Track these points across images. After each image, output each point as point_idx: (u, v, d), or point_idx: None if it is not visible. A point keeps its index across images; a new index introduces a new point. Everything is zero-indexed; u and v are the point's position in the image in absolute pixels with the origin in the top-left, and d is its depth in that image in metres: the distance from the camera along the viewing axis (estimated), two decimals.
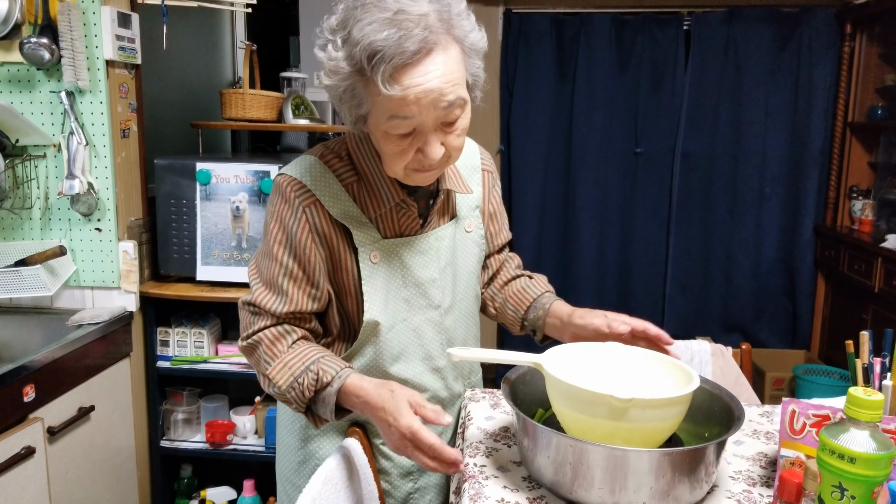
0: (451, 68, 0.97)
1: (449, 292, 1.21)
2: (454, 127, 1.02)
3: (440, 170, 1.08)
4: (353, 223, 1.11)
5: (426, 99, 0.95)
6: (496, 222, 1.31)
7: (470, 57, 1.02)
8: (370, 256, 1.12)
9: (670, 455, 1.00)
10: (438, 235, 1.18)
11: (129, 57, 2.02)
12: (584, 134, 3.64)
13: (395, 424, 0.99)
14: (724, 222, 3.67)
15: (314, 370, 1.07)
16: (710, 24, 3.53)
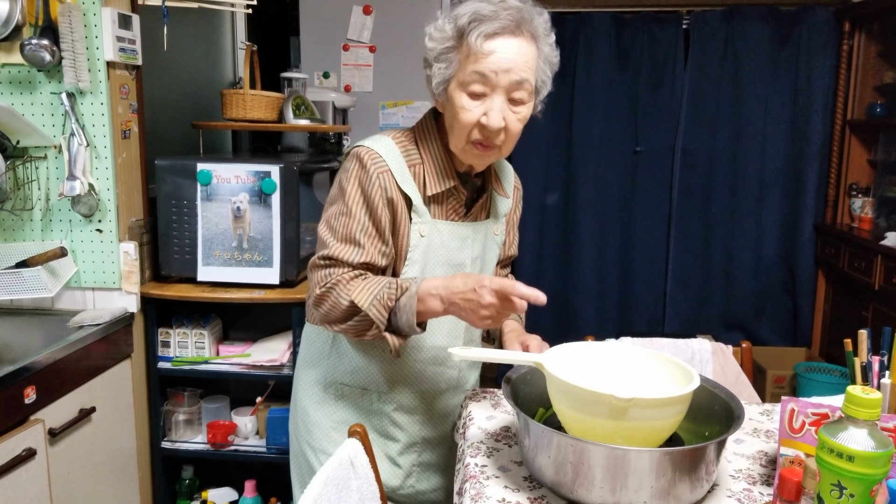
0: (526, 56, 1.16)
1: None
2: (518, 108, 1.19)
3: (494, 153, 1.24)
4: (414, 197, 1.26)
5: (504, 65, 1.14)
6: (511, 236, 1.45)
7: (541, 62, 1.20)
8: (420, 230, 1.27)
9: (671, 454, 1.00)
10: (476, 227, 1.33)
11: (129, 58, 2.03)
12: (584, 132, 3.65)
13: (479, 288, 1.12)
14: (724, 220, 3.67)
15: (393, 284, 1.19)
16: (709, 22, 3.53)
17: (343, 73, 3.31)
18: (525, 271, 3.78)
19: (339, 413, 1.38)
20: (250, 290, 2.14)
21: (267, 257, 2.15)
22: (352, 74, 3.31)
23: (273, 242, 2.14)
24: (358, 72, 3.31)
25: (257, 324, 2.34)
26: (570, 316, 3.79)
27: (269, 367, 2.16)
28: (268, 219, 2.13)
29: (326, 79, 3.31)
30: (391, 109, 3.33)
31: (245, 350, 2.21)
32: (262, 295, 2.12)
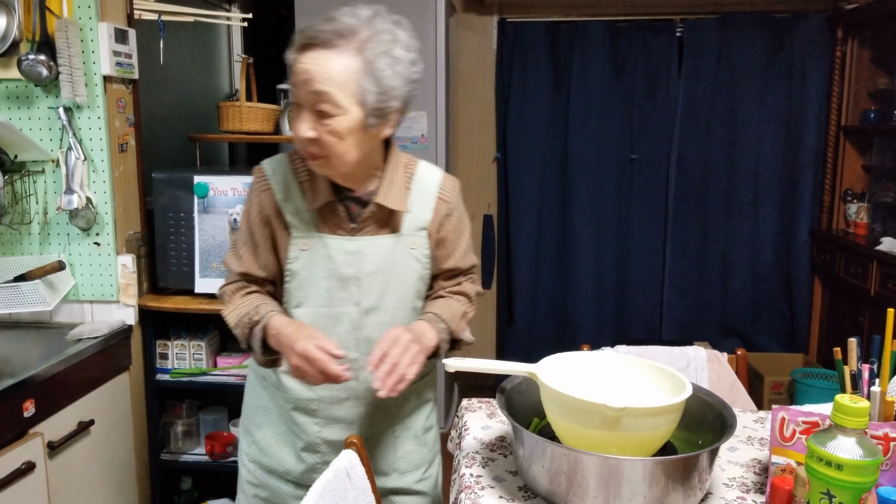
0: (335, 69, 1.12)
1: (374, 295, 1.31)
2: (325, 122, 1.15)
3: (324, 164, 1.21)
4: (294, 214, 1.29)
5: (301, 77, 1.14)
6: (445, 249, 1.37)
7: (368, 78, 1.13)
8: (300, 244, 1.29)
9: (663, 463, 1.01)
10: (372, 242, 1.30)
11: (126, 72, 2.04)
12: (580, 141, 3.66)
13: (291, 346, 1.16)
14: (720, 227, 3.68)
15: (253, 311, 1.28)
16: (702, 30, 3.56)
17: None
18: (522, 279, 3.79)
19: (262, 400, 1.43)
20: None
21: None
22: None
23: None
24: None
25: None
26: (567, 323, 3.80)
27: None
28: None
29: None
30: None
31: (243, 361, 2.21)
32: None
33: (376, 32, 1.15)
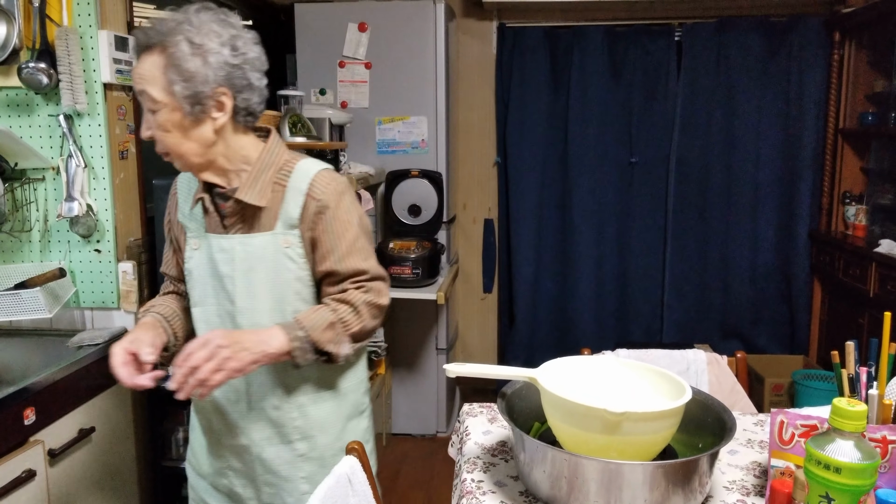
0: (146, 68, 1.22)
1: (247, 295, 1.32)
2: (154, 119, 1.24)
3: (171, 158, 1.28)
4: (189, 216, 1.37)
5: (133, 81, 1.26)
6: (319, 250, 1.32)
7: (171, 70, 1.20)
8: (192, 244, 1.36)
9: (664, 467, 1.02)
10: (243, 241, 1.32)
11: (126, 79, 2.05)
12: (579, 144, 3.67)
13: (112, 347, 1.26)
14: (719, 229, 3.69)
15: (143, 312, 1.41)
16: (700, 34, 3.57)
17: (339, 89, 3.34)
18: (523, 283, 3.80)
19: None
20: None
21: None
22: (348, 91, 3.34)
23: None
24: (354, 88, 3.34)
25: None
26: (567, 326, 3.81)
27: None
28: None
29: (323, 95, 3.34)
30: (387, 125, 3.35)
31: None
32: None
33: (178, 25, 1.20)
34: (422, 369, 3.45)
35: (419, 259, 3.02)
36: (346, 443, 1.36)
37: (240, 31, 1.25)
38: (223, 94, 1.23)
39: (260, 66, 1.28)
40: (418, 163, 3.31)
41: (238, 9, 3.12)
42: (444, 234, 3.36)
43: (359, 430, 1.45)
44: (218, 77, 1.21)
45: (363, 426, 1.47)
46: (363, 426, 1.47)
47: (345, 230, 1.31)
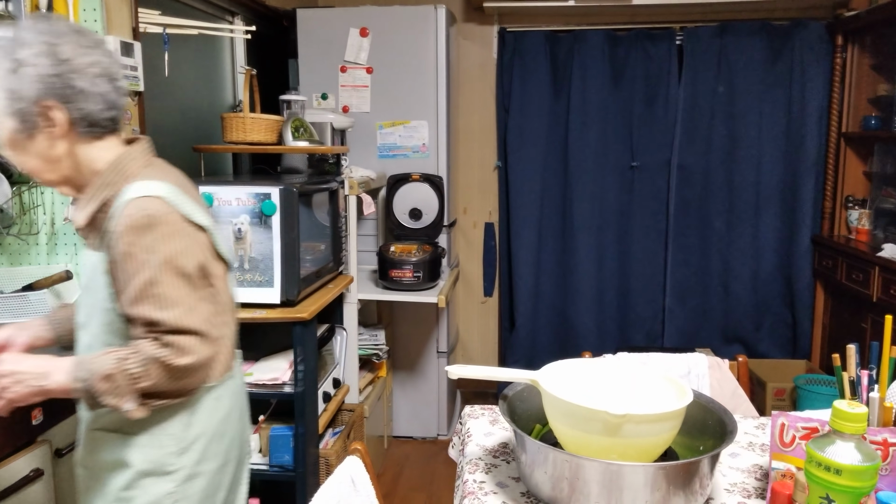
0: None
1: (83, 313, 1.29)
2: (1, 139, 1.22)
3: (34, 177, 1.27)
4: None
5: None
6: (116, 287, 1.20)
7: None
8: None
9: (665, 469, 1.02)
10: (85, 256, 1.28)
11: (132, 84, 2.06)
12: (580, 149, 3.69)
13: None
14: (721, 234, 3.70)
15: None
16: (702, 38, 3.58)
17: (341, 94, 3.35)
18: (524, 287, 3.81)
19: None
20: (252, 310, 2.17)
21: (268, 277, 2.17)
22: (349, 95, 3.35)
23: (273, 263, 2.17)
24: (355, 93, 3.36)
25: (259, 343, 2.36)
26: (568, 331, 3.81)
27: (270, 386, 2.18)
28: (268, 240, 2.16)
29: (325, 100, 3.36)
30: (388, 129, 3.37)
31: (247, 369, 2.23)
32: (263, 314, 2.14)
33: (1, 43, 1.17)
34: (423, 372, 3.46)
35: (420, 262, 3.03)
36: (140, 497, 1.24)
37: (66, 36, 1.17)
38: (50, 107, 1.16)
39: (98, 71, 1.18)
40: (419, 167, 3.32)
41: (241, 14, 3.14)
42: (444, 237, 3.38)
43: (154, 492, 1.24)
44: (38, 90, 1.15)
45: (162, 489, 1.24)
46: (162, 489, 1.24)
47: (137, 271, 1.15)
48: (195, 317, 1.17)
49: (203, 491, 1.28)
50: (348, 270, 2.82)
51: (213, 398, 1.29)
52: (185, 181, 1.33)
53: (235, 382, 1.37)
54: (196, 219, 1.22)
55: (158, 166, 1.30)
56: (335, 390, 2.60)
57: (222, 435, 1.31)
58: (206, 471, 1.28)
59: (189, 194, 1.27)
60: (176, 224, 1.18)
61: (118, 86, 1.23)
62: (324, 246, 2.61)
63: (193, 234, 1.21)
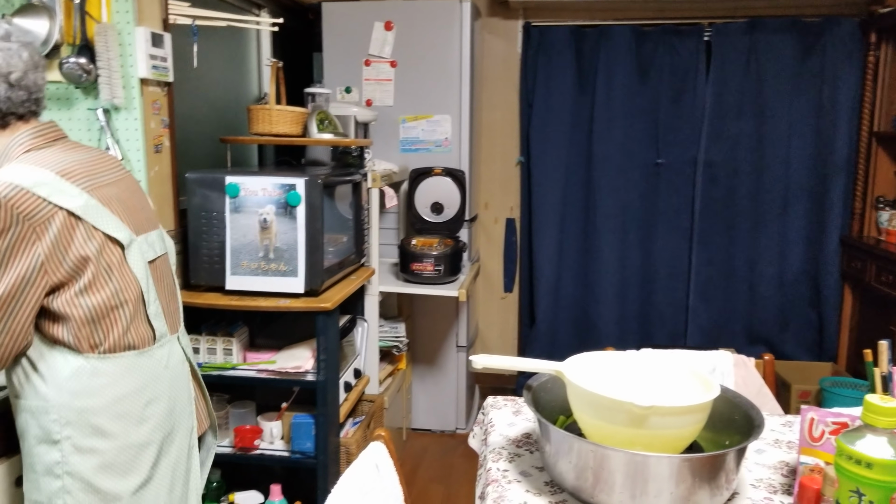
0: None
1: None
2: None
3: None
4: None
5: None
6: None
7: None
8: None
9: (690, 461, 1.02)
10: None
11: (161, 75, 2.09)
12: (604, 144, 3.66)
13: None
14: (747, 233, 3.66)
15: None
16: (731, 34, 3.54)
17: (364, 87, 3.37)
18: (545, 283, 3.79)
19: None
20: (276, 299, 2.19)
21: (292, 267, 2.19)
22: (373, 89, 3.36)
23: (297, 253, 2.18)
24: (379, 86, 3.37)
25: (282, 332, 2.39)
26: (589, 328, 3.79)
27: (293, 374, 2.20)
28: (293, 230, 2.18)
29: (348, 93, 3.37)
30: (411, 123, 3.38)
31: (271, 357, 2.25)
32: (287, 303, 2.16)
33: None
34: (442, 366, 3.47)
35: (441, 256, 3.03)
36: (38, 462, 1.30)
37: None
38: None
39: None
40: (441, 161, 3.33)
41: (268, 7, 3.16)
42: (465, 232, 3.38)
43: (46, 460, 1.29)
44: None
45: (53, 458, 1.29)
46: (53, 458, 1.29)
47: None
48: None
49: (101, 466, 1.30)
50: (370, 262, 2.84)
51: (96, 373, 1.29)
52: (79, 166, 1.33)
53: (148, 363, 1.37)
54: (61, 202, 1.24)
55: (47, 151, 1.32)
56: (356, 381, 2.61)
57: (120, 415, 1.32)
58: (102, 448, 1.30)
59: (83, 179, 1.30)
60: (10, 208, 1.19)
61: (12, 80, 1.29)
62: (346, 238, 2.62)
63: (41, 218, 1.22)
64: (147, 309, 1.37)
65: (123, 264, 1.33)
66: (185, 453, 1.47)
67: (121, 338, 1.32)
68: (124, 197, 1.40)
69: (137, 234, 1.39)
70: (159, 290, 1.45)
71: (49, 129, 1.36)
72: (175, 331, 1.49)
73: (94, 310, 1.28)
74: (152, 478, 1.37)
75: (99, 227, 1.29)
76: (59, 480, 1.29)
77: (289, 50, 3.36)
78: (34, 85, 1.34)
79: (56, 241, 1.23)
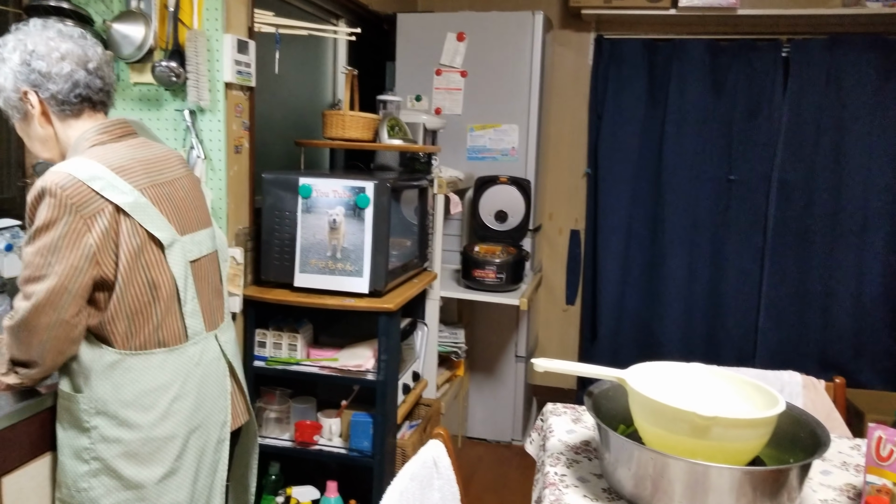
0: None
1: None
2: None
3: (38, 155, 1.47)
4: None
5: None
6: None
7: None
8: None
9: (752, 474, 1.01)
10: None
11: (245, 80, 2.19)
12: (675, 159, 3.62)
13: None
14: (822, 254, 3.54)
15: None
16: (810, 50, 3.45)
17: (434, 96, 3.43)
18: (608, 298, 3.76)
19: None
20: (341, 298, 2.25)
21: (357, 267, 2.25)
22: (443, 98, 3.42)
23: (364, 254, 2.24)
24: (449, 95, 3.42)
25: (345, 330, 2.45)
26: (653, 345, 3.73)
27: (354, 372, 2.26)
28: (360, 231, 2.24)
29: (418, 101, 3.44)
30: (479, 132, 3.42)
31: (334, 355, 2.31)
32: (351, 303, 2.22)
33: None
34: (500, 375, 3.48)
35: (503, 264, 3.05)
36: (67, 445, 1.37)
37: (36, 32, 1.37)
38: (26, 92, 1.37)
39: (60, 55, 1.36)
40: (507, 170, 3.35)
41: (345, 17, 3.27)
42: (528, 241, 3.39)
43: (75, 445, 1.37)
44: (14, 80, 1.36)
45: (82, 443, 1.36)
46: (82, 443, 1.36)
47: (27, 243, 1.29)
48: (37, 285, 1.26)
49: (125, 455, 1.35)
50: (432, 267, 2.88)
51: (125, 367, 1.34)
52: (137, 164, 1.40)
53: (178, 360, 1.41)
54: (112, 197, 1.30)
55: (111, 147, 1.40)
56: (414, 383, 2.66)
57: (147, 408, 1.36)
58: (127, 438, 1.35)
59: (137, 176, 1.38)
60: (65, 198, 1.26)
61: (90, 68, 1.40)
62: (410, 242, 2.67)
63: (92, 210, 1.28)
64: (182, 307, 1.42)
65: (162, 263, 1.38)
66: (212, 447, 1.51)
67: (152, 334, 1.37)
68: (177, 196, 1.46)
69: (183, 233, 1.44)
70: (201, 288, 1.49)
71: (116, 126, 1.45)
72: (214, 328, 1.53)
73: (128, 306, 1.34)
74: (177, 469, 1.41)
75: (144, 224, 1.35)
76: (87, 465, 1.35)
77: (363, 58, 3.45)
78: (108, 77, 1.45)
79: (105, 233, 1.29)
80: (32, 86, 1.36)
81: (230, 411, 1.56)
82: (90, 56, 1.41)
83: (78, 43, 1.40)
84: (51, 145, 1.42)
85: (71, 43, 1.39)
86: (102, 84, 1.43)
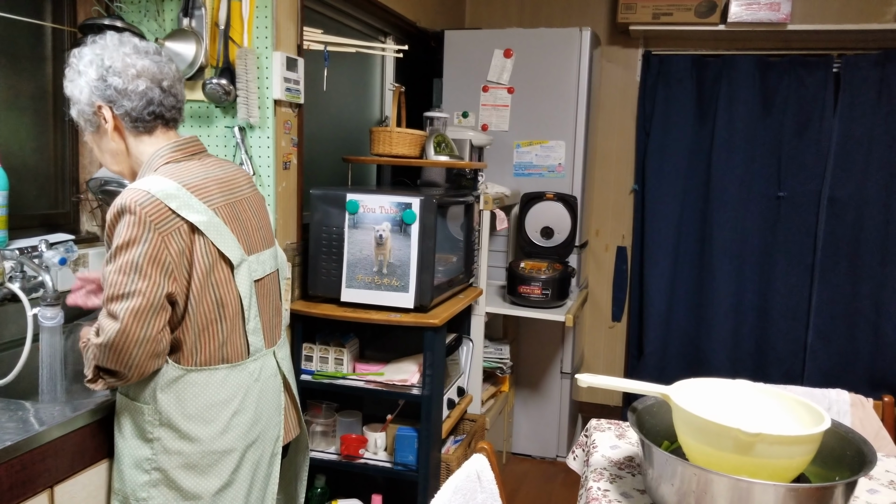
0: (69, 92, 1.43)
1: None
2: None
3: (109, 169, 1.51)
4: None
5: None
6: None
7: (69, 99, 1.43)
8: None
9: (796, 491, 0.99)
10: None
11: (293, 97, 2.26)
12: (723, 175, 3.57)
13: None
14: (874, 272, 3.43)
15: None
16: (861, 66, 3.37)
17: (481, 112, 3.46)
18: (655, 315, 3.71)
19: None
20: (387, 313, 2.28)
21: (403, 283, 2.28)
22: (489, 114, 3.45)
23: (410, 269, 2.28)
24: (495, 112, 3.45)
25: (391, 345, 2.48)
26: (700, 363, 3.67)
27: (399, 387, 2.28)
28: (406, 247, 2.28)
29: (465, 118, 3.48)
30: (525, 148, 3.43)
31: (379, 369, 2.34)
32: (397, 317, 2.25)
33: (69, 58, 1.42)
34: (545, 392, 3.46)
35: (549, 280, 3.05)
36: (127, 454, 1.39)
37: (113, 48, 1.39)
38: (101, 107, 1.40)
39: (135, 73, 1.39)
40: (553, 186, 3.35)
41: (393, 34, 3.34)
42: (575, 258, 3.38)
43: (137, 455, 1.39)
44: (89, 94, 1.39)
45: (144, 454, 1.38)
46: (144, 454, 1.38)
47: (110, 259, 1.31)
48: (122, 303, 1.28)
49: (185, 467, 1.38)
50: (478, 283, 2.90)
51: (189, 382, 1.37)
52: (211, 183, 1.44)
53: (240, 376, 1.44)
54: (187, 215, 1.33)
55: (184, 165, 1.42)
56: (459, 399, 2.67)
57: (208, 422, 1.39)
58: (187, 451, 1.37)
59: (211, 195, 1.41)
60: (143, 215, 1.28)
61: (164, 86, 1.43)
62: (456, 258, 2.70)
63: (169, 228, 1.31)
64: (246, 325, 1.45)
65: (231, 282, 1.41)
66: (266, 461, 1.54)
67: (217, 351, 1.41)
68: (245, 216, 1.50)
69: (250, 253, 1.48)
70: (263, 306, 1.52)
71: (189, 144, 1.48)
72: (272, 344, 1.57)
73: (197, 323, 1.37)
74: (233, 482, 1.43)
75: (216, 243, 1.38)
76: (147, 475, 1.37)
77: (410, 75, 3.51)
78: (180, 94, 1.49)
79: (181, 252, 1.32)
80: (107, 101, 1.39)
81: (283, 426, 1.60)
82: (165, 74, 1.43)
83: (153, 60, 1.42)
84: (121, 159, 1.45)
85: (147, 60, 1.41)
86: (175, 101, 1.46)
